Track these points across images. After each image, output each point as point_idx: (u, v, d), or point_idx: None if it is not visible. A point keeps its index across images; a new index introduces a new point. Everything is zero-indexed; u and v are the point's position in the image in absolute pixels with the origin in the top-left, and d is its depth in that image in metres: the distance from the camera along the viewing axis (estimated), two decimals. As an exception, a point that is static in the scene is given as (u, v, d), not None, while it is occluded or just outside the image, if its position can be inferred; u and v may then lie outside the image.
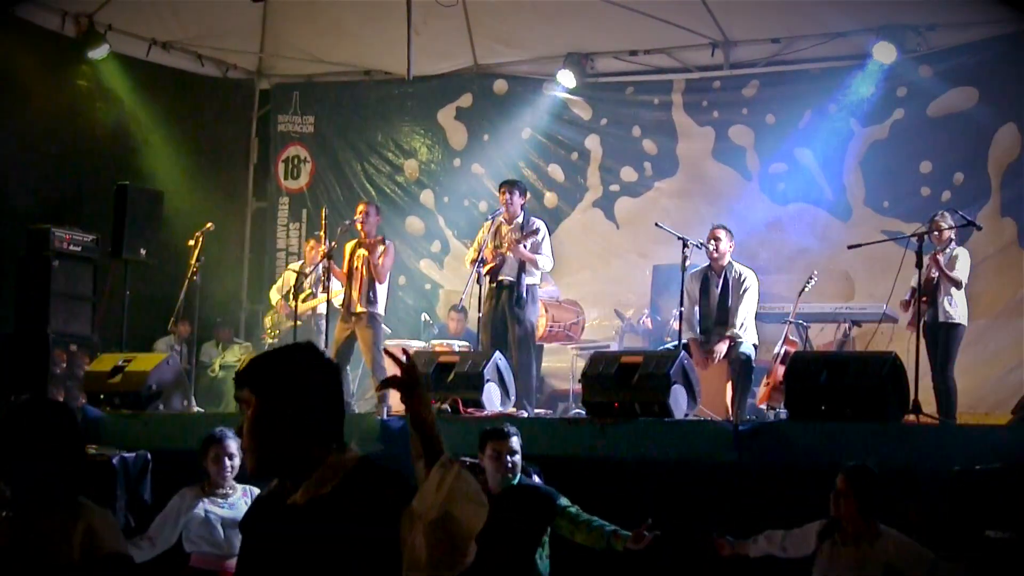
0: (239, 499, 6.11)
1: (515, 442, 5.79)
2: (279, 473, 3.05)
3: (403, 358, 3.06)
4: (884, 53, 11.26)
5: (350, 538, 2.91)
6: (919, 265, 8.43)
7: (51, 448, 3.51)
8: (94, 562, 3.49)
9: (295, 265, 12.22)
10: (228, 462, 6.09)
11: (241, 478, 6.12)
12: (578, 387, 8.59)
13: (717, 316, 9.19)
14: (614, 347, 11.04)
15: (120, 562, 3.60)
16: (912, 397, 7.42)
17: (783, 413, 8.14)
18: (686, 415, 7.63)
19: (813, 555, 5.44)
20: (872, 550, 5.24)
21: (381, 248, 10.01)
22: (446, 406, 8.03)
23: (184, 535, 6.08)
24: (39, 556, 3.44)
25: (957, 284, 8.91)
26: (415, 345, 10.94)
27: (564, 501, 5.81)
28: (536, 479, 6.20)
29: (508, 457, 5.76)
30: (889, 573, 5.21)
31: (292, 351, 3.12)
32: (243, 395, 3.02)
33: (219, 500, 6.10)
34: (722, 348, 8.97)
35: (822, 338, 10.48)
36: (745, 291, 9.20)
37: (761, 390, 9.57)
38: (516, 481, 5.81)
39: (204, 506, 6.07)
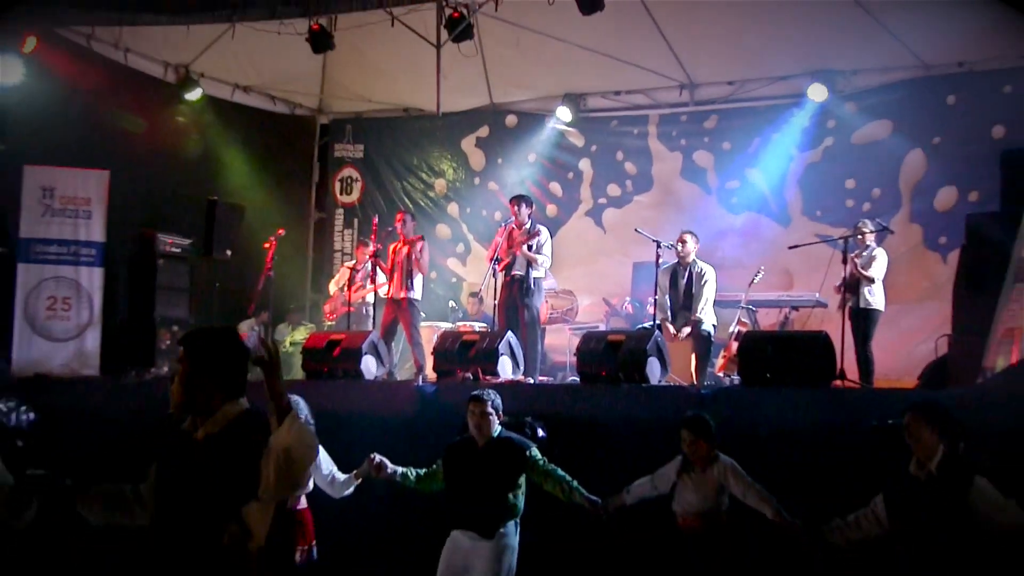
0: None
1: (488, 406, 5.57)
2: (193, 413, 3.42)
3: (265, 343, 3.40)
4: (817, 93, 11.24)
5: (227, 466, 3.29)
6: (845, 262, 8.45)
7: None
8: None
9: (349, 263, 12.25)
10: None
11: None
12: (574, 359, 8.61)
13: (683, 303, 9.24)
14: (602, 328, 11.04)
15: None
16: (839, 367, 7.45)
17: (737, 380, 8.16)
18: (659, 381, 7.66)
19: (673, 487, 5.60)
20: (713, 473, 5.51)
21: (420, 244, 10.07)
22: (469, 374, 8.06)
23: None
24: None
25: (870, 280, 8.90)
26: (443, 326, 10.95)
27: (535, 453, 5.59)
28: (540, 432, 6.19)
29: (480, 417, 5.56)
30: (721, 492, 5.48)
31: (216, 330, 3.54)
32: (180, 355, 3.45)
33: None
34: (687, 330, 9.03)
35: (767, 320, 10.48)
36: (706, 283, 9.23)
37: (719, 361, 9.57)
38: (496, 434, 5.62)
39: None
